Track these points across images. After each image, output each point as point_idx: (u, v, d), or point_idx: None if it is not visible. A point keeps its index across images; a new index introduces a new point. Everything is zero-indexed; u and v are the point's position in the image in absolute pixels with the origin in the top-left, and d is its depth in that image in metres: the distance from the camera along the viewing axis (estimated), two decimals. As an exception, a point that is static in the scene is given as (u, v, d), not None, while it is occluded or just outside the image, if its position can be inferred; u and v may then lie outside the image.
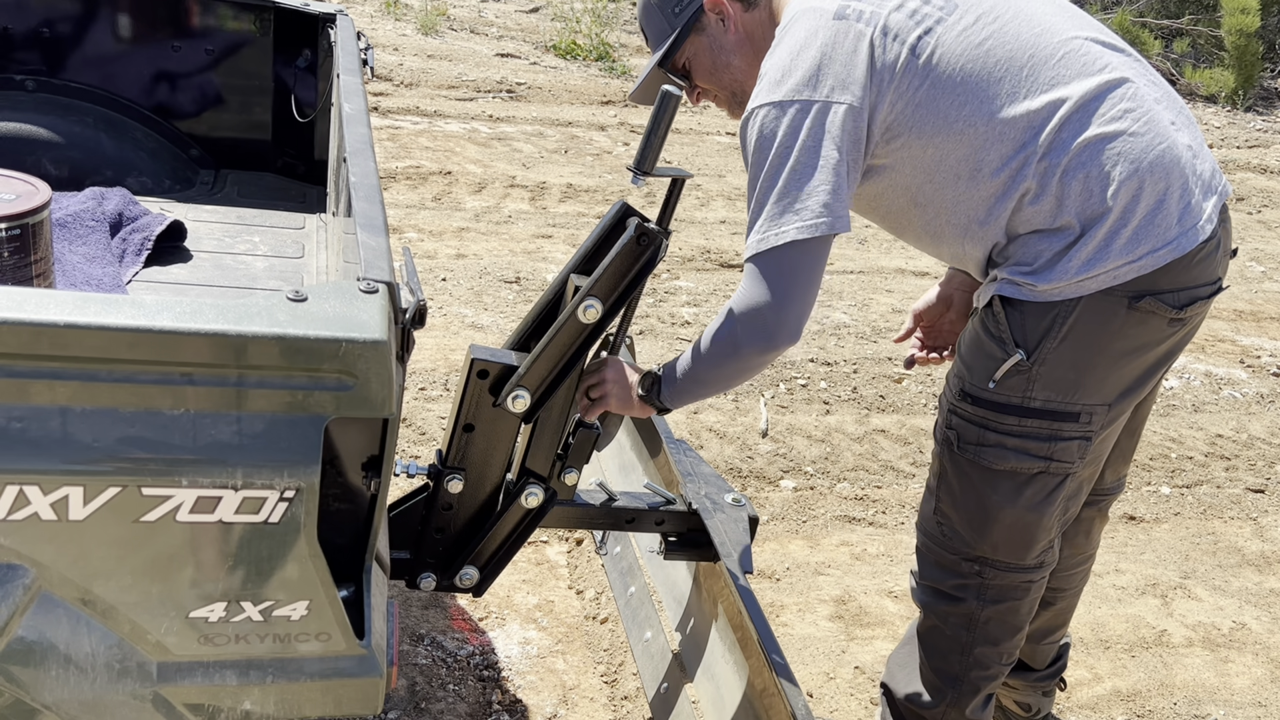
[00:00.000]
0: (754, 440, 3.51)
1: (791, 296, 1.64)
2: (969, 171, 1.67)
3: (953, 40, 1.65)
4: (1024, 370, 1.70)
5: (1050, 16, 1.71)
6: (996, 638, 1.91)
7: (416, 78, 7.08)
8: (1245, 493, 3.65)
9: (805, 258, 1.63)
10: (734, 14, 1.80)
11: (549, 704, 2.34)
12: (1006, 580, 1.86)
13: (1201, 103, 9.77)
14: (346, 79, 1.99)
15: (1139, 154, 1.63)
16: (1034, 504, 1.78)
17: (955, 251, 1.80)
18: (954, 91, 1.64)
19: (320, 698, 1.28)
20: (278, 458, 1.11)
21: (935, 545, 1.90)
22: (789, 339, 1.66)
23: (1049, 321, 1.67)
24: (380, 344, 1.10)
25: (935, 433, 1.88)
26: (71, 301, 1.04)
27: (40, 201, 1.75)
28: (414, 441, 3.18)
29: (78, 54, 2.52)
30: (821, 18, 1.67)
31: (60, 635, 1.14)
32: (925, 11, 1.67)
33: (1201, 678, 2.72)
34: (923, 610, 1.96)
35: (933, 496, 1.89)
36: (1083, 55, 1.67)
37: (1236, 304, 5.36)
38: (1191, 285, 1.68)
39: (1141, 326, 1.68)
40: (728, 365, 1.71)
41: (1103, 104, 1.64)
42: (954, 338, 2.17)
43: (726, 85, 1.86)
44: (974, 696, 1.95)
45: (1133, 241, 1.63)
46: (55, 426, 1.06)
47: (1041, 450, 1.74)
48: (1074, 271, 1.64)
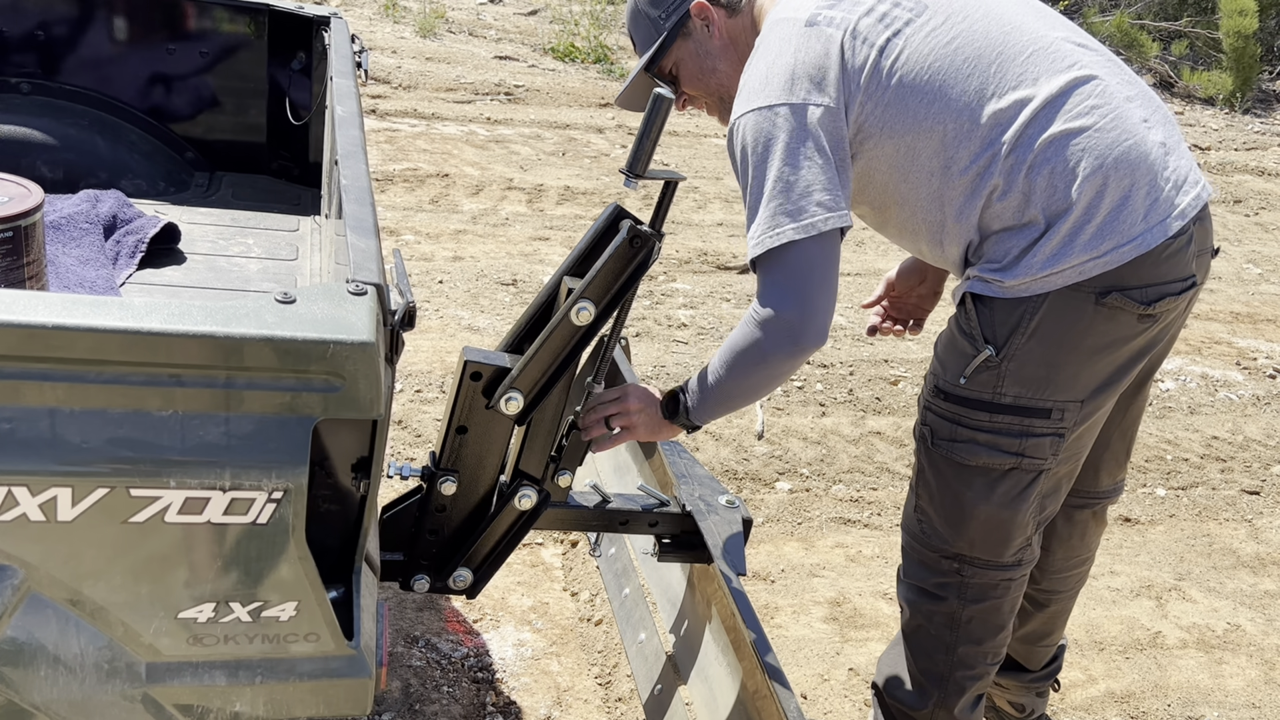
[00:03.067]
0: (749, 442, 3.52)
1: (809, 296, 1.64)
2: (940, 169, 1.69)
3: (920, 41, 1.67)
4: (993, 366, 1.71)
5: (1020, 16, 1.73)
6: (979, 637, 1.91)
7: (414, 80, 7.09)
8: (1240, 495, 3.65)
9: (813, 256, 1.64)
10: (718, 19, 1.84)
11: (543, 706, 2.34)
12: (985, 579, 1.87)
13: (1199, 105, 9.78)
14: (340, 82, 2.00)
15: (1104, 150, 1.64)
16: (1007, 500, 1.79)
17: (934, 251, 1.82)
18: (921, 91, 1.66)
19: (310, 698, 1.28)
20: (266, 459, 1.11)
21: (916, 543, 1.91)
22: (816, 339, 1.66)
23: (1017, 318, 1.69)
24: (368, 345, 1.11)
25: (914, 430, 1.89)
26: (60, 303, 1.04)
27: (33, 204, 1.75)
28: (409, 444, 3.18)
29: (73, 56, 2.53)
30: (794, 26, 1.70)
31: (49, 636, 1.14)
32: (894, 14, 1.70)
33: (1196, 679, 2.72)
34: (907, 609, 1.97)
35: (913, 494, 1.91)
36: (1051, 53, 1.69)
37: (1233, 306, 5.36)
38: (1160, 282, 1.68)
39: (1110, 323, 1.68)
40: (756, 374, 1.70)
41: (1069, 100, 1.65)
42: (920, 312, 2.21)
43: (713, 90, 1.88)
44: (960, 696, 1.95)
45: (1097, 237, 1.64)
46: (44, 427, 1.06)
47: (1012, 446, 1.75)
48: (1039, 267, 1.65)
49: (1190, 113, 9.60)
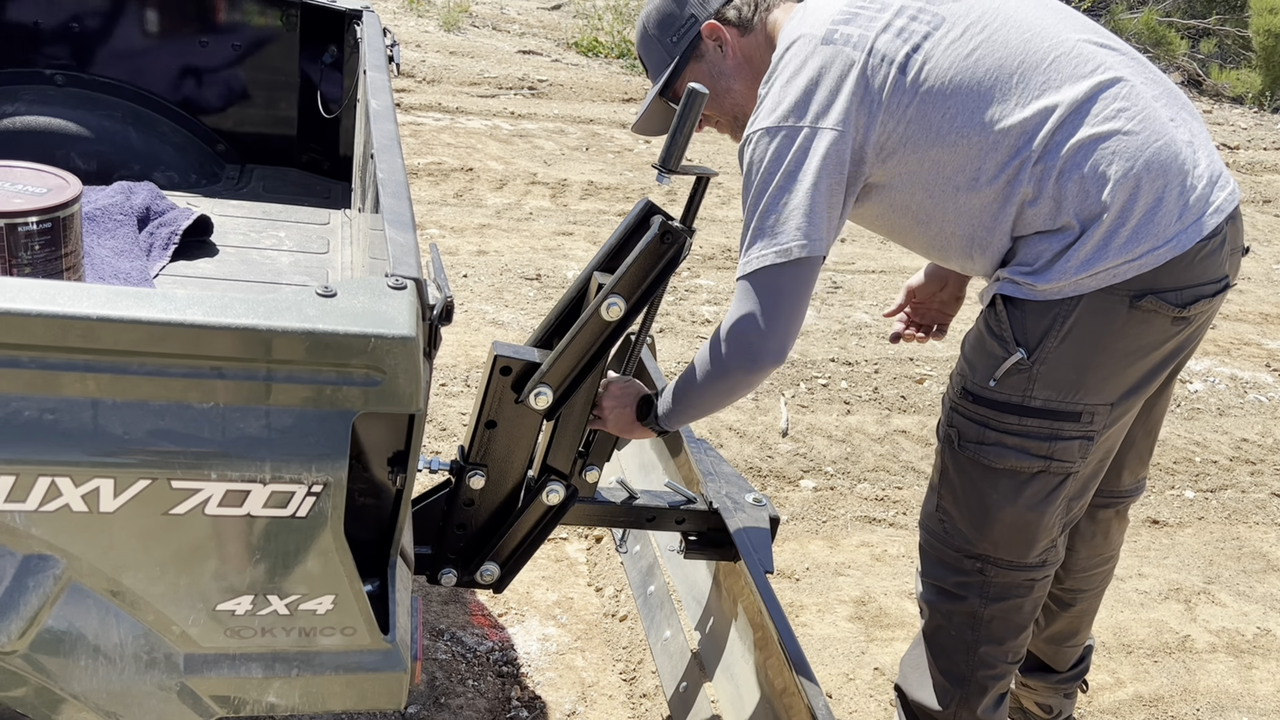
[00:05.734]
0: (774, 440, 3.51)
1: (774, 317, 1.66)
2: (967, 182, 1.68)
3: (940, 54, 1.66)
4: (1024, 369, 1.70)
5: (1041, 20, 1.70)
6: (1001, 636, 1.90)
7: (438, 74, 7.10)
8: (1270, 497, 3.61)
9: (784, 281, 1.65)
10: (731, 39, 1.82)
11: (568, 701, 2.34)
12: (1008, 578, 1.85)
13: (1228, 104, 9.68)
14: (373, 75, 2.00)
15: (1134, 152, 1.62)
16: (1034, 503, 1.77)
17: (964, 263, 1.81)
18: (944, 104, 1.65)
19: (344, 691, 1.29)
20: (306, 452, 1.12)
21: (937, 542, 1.90)
22: (773, 360, 1.68)
23: (1050, 320, 1.67)
24: (409, 340, 1.11)
25: (938, 430, 1.88)
26: (103, 295, 1.05)
27: (71, 195, 1.76)
28: (435, 437, 3.19)
29: (106, 49, 2.54)
30: (811, 44, 1.69)
31: (89, 626, 1.15)
32: (913, 28, 1.68)
33: (1225, 684, 2.69)
34: (927, 609, 1.96)
35: (934, 494, 1.90)
36: (1075, 57, 1.67)
37: (1262, 307, 5.30)
38: (1195, 284, 1.66)
39: (1144, 325, 1.67)
40: (716, 384, 1.74)
41: (1096, 104, 1.64)
42: (943, 318, 2.19)
43: (728, 110, 1.88)
44: (983, 696, 1.94)
45: (1132, 240, 1.62)
46: (86, 419, 1.07)
47: (1041, 449, 1.74)
48: (1073, 270, 1.64)
49: (1219, 111, 9.49)
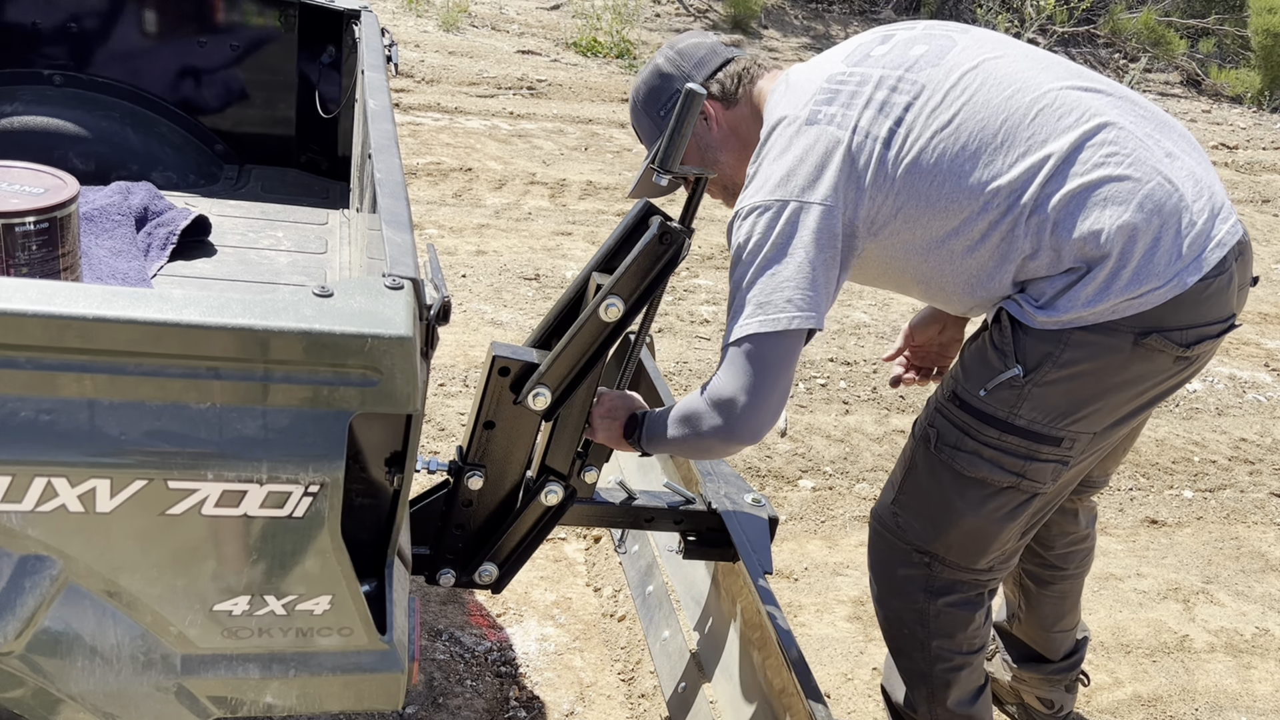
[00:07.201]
0: (773, 440, 3.51)
1: (758, 388, 1.65)
2: (963, 246, 1.69)
3: (923, 124, 1.66)
4: (1017, 386, 1.70)
5: (1022, 75, 1.69)
6: (950, 630, 1.90)
7: (437, 74, 7.10)
8: (1269, 497, 3.61)
9: (769, 350, 1.65)
10: (716, 113, 1.85)
11: (566, 701, 2.34)
12: (954, 576, 1.87)
13: (1227, 103, 9.68)
14: (371, 75, 2.00)
15: (1126, 196, 1.62)
16: (997, 517, 1.78)
17: (966, 308, 1.82)
18: (930, 174, 1.65)
19: (342, 692, 1.28)
20: (303, 452, 1.11)
21: (888, 533, 1.91)
22: (748, 436, 1.68)
23: (1052, 346, 1.67)
24: (406, 340, 1.11)
25: (914, 427, 1.88)
26: (100, 295, 1.05)
27: (68, 195, 1.76)
28: (433, 437, 3.19)
29: (104, 49, 2.54)
30: (795, 125, 1.71)
31: (86, 627, 1.15)
32: (894, 100, 1.68)
33: (1223, 684, 2.69)
34: (880, 610, 1.97)
35: (894, 488, 1.90)
36: (1058, 108, 1.66)
37: (1261, 307, 5.31)
38: (1200, 323, 1.66)
39: (1146, 363, 1.67)
40: (691, 442, 1.75)
41: (1083, 152, 1.63)
42: (943, 360, 2.19)
43: (719, 180, 1.90)
44: (948, 690, 1.95)
45: (1134, 281, 1.62)
46: (83, 419, 1.07)
47: (1015, 466, 1.74)
48: (1079, 305, 1.65)
49: (1218, 111, 9.50)
